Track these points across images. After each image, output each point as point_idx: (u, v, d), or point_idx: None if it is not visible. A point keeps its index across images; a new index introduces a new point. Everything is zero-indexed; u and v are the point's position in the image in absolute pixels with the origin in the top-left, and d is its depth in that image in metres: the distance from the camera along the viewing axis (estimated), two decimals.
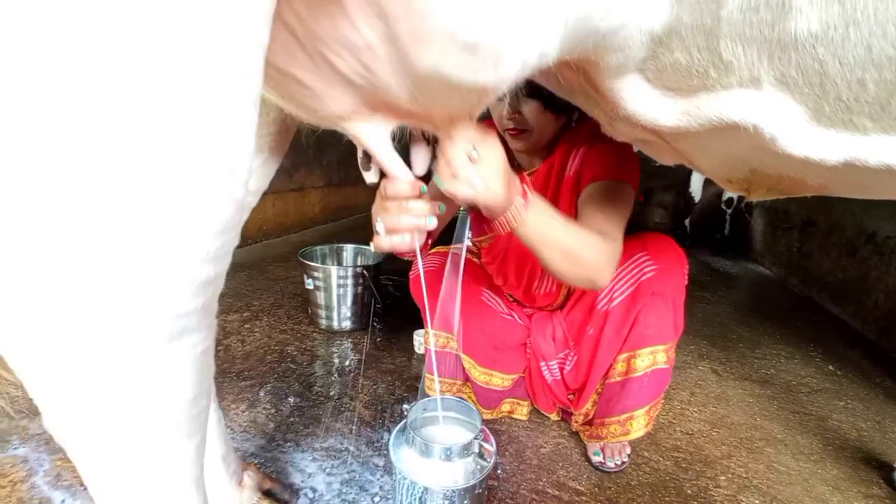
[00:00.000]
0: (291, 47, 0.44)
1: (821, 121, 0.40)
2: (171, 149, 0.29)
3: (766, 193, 0.57)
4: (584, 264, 0.80)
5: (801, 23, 0.34)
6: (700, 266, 3.23)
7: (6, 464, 0.95)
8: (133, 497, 0.42)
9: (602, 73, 0.47)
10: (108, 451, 0.39)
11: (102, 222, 0.29)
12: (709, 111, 0.43)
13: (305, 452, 1.09)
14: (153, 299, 0.33)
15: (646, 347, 1.05)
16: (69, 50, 0.25)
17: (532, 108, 0.99)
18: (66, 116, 0.26)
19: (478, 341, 1.18)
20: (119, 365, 0.35)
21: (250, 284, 2.10)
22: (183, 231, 0.31)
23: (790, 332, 2.18)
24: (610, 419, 1.10)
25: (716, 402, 1.53)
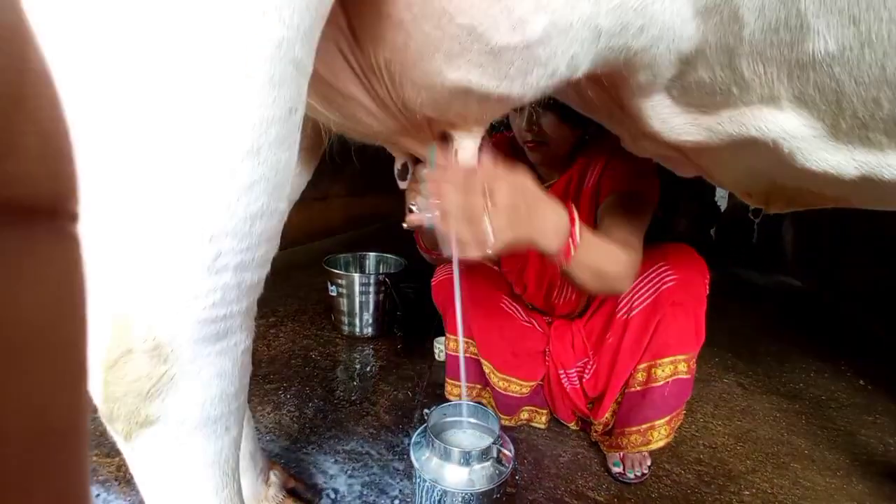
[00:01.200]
0: (349, 74, 0.47)
1: (838, 137, 0.41)
2: (226, 173, 0.32)
3: (786, 206, 0.58)
4: (608, 278, 0.83)
5: (818, 43, 0.35)
6: (726, 277, 3.16)
7: None
8: (180, 482, 0.45)
9: (630, 90, 0.48)
10: (156, 442, 0.43)
11: (155, 236, 0.33)
12: (731, 127, 0.45)
13: (328, 455, 1.12)
14: (200, 301, 0.36)
15: (666, 357, 1.05)
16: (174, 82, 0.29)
17: (549, 121, 1.01)
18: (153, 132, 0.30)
19: (497, 347, 1.20)
20: (170, 360, 0.38)
21: (275, 290, 2.16)
22: (232, 245, 0.35)
23: (820, 346, 2.11)
24: (630, 429, 1.10)
25: (741, 415, 1.50)
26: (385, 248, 2.01)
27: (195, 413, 0.42)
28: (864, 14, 0.33)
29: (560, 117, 1.01)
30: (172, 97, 0.30)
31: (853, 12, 0.33)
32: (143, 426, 0.42)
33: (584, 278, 0.80)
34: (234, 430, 0.47)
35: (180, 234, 0.33)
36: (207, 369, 0.41)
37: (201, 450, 0.44)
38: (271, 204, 0.36)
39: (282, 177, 0.36)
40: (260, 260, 0.38)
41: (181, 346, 0.38)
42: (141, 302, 0.35)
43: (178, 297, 0.35)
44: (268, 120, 0.31)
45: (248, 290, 0.39)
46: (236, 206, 0.33)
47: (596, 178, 1.06)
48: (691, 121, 0.47)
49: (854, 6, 0.33)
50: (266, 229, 0.37)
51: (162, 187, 0.31)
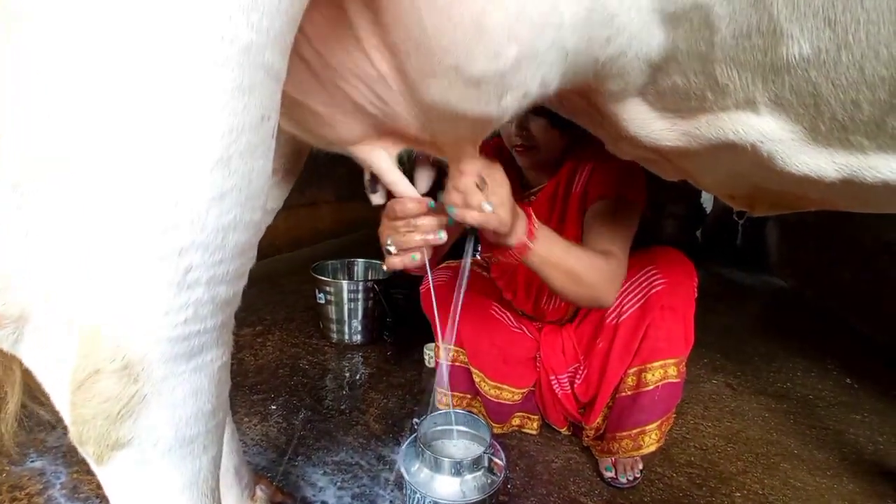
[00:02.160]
0: (306, 79, 0.47)
1: (817, 140, 0.41)
2: (190, 182, 0.31)
3: (770, 208, 0.58)
4: (586, 285, 0.85)
5: (792, 48, 0.35)
6: (713, 278, 3.19)
7: (23, 476, 0.97)
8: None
9: (604, 97, 0.48)
10: (129, 464, 0.41)
11: (121, 248, 0.31)
12: (707, 132, 0.45)
13: (316, 466, 1.10)
14: (177, 320, 0.35)
15: (656, 361, 1.05)
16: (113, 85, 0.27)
17: (539, 126, 1.01)
18: (107, 137, 0.29)
19: (487, 355, 1.19)
20: (141, 379, 0.37)
21: (262, 298, 2.13)
22: (203, 257, 0.33)
23: (807, 345, 2.14)
24: (621, 434, 1.10)
25: (731, 416, 1.50)
26: (374, 254, 1.99)
27: (169, 434, 0.40)
28: (840, 16, 0.33)
29: (550, 122, 1.01)
30: (138, 106, 0.29)
31: (829, 15, 0.33)
32: (114, 449, 0.40)
33: (559, 280, 0.83)
34: (212, 449, 0.45)
35: (147, 248, 0.31)
36: (181, 388, 0.39)
37: (178, 471, 0.43)
38: (245, 215, 0.35)
39: (255, 187, 0.34)
40: (234, 273, 0.37)
41: (152, 365, 0.36)
42: (108, 320, 0.33)
43: (148, 313, 0.34)
44: (238, 128, 0.30)
45: (222, 305, 0.38)
46: (206, 218, 0.32)
47: (584, 183, 1.06)
48: (668, 126, 0.47)
49: (830, 9, 0.33)
50: (240, 242, 0.35)
51: (126, 199, 0.30)
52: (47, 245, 0.31)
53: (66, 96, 0.28)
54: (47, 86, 0.28)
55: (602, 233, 0.95)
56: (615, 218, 0.97)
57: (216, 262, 0.34)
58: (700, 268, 1.11)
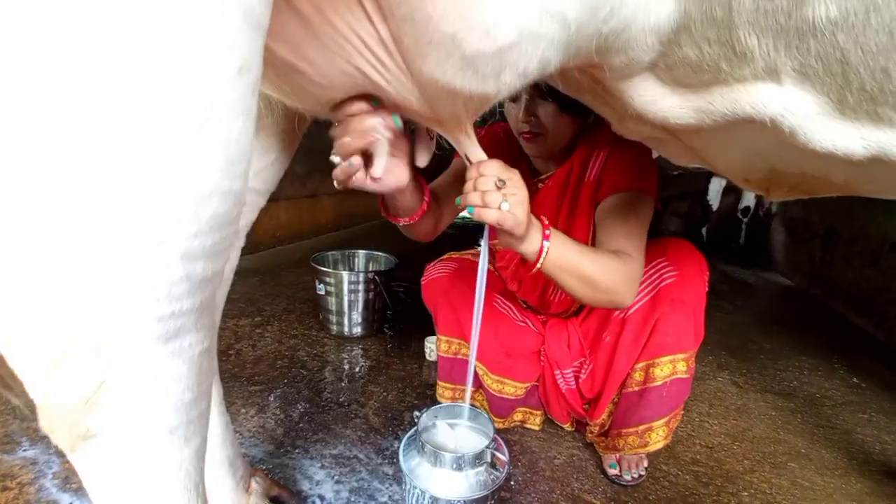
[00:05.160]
0: (302, 36, 0.44)
1: (844, 112, 0.38)
2: (152, 142, 0.28)
3: (788, 193, 0.55)
4: (601, 288, 0.83)
5: (818, 9, 0.32)
6: (717, 275, 3.15)
7: (15, 465, 0.96)
8: (134, 500, 0.41)
9: (609, 74, 0.45)
10: (104, 456, 0.39)
11: (84, 221, 0.28)
12: (722, 106, 0.42)
13: (314, 459, 1.08)
14: (145, 299, 0.32)
15: (665, 356, 1.02)
16: (48, 43, 0.24)
17: (548, 111, 0.97)
18: (43, 108, 0.26)
19: (490, 348, 1.16)
20: (112, 364, 0.34)
21: (262, 290, 2.11)
22: (171, 228, 0.30)
23: (813, 344, 2.10)
24: (627, 430, 1.07)
25: (737, 414, 1.47)
26: (377, 247, 1.97)
27: (146, 423, 0.38)
28: None
29: (559, 107, 0.97)
30: (92, 56, 0.25)
31: None
32: (86, 438, 0.38)
33: (575, 286, 0.82)
34: (194, 440, 0.43)
35: (111, 220, 0.28)
36: (157, 374, 0.36)
37: (156, 463, 0.40)
38: (223, 183, 0.32)
39: (235, 151, 0.31)
40: (212, 249, 0.34)
41: (123, 348, 0.34)
42: (74, 299, 0.31)
43: (116, 291, 0.31)
44: (214, 76, 0.27)
45: (200, 284, 0.35)
46: (182, 182, 0.29)
47: (598, 171, 1.02)
48: (679, 102, 0.44)
49: None
50: (218, 213, 0.32)
51: (86, 166, 0.27)
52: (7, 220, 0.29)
53: (24, 52, 0.25)
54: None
55: (616, 230, 0.92)
56: (629, 213, 0.94)
57: (190, 234, 0.32)
58: None
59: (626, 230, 0.92)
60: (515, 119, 1.00)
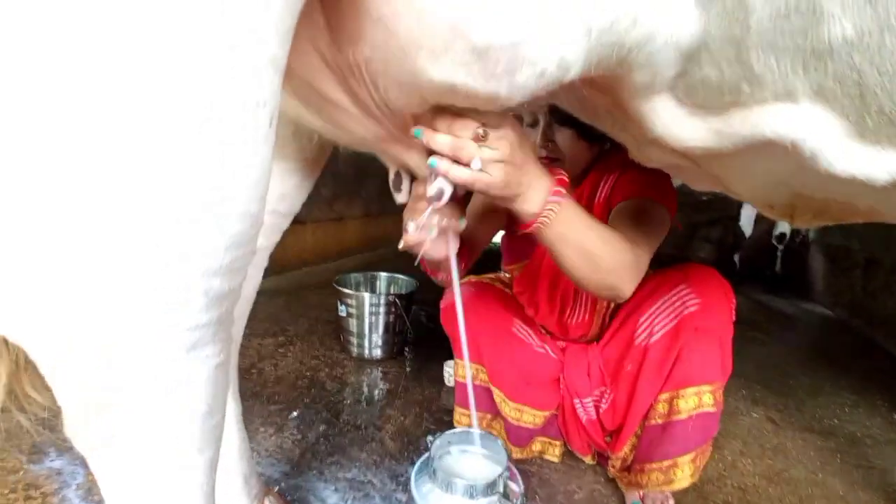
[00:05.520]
0: (328, 74, 0.46)
1: (865, 136, 0.37)
2: (181, 165, 0.30)
3: (812, 220, 0.53)
4: (604, 269, 0.74)
5: (834, 29, 0.32)
6: (752, 305, 3.03)
7: (41, 475, 0.98)
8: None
9: (629, 92, 0.45)
10: (119, 461, 0.40)
11: (113, 235, 0.30)
12: (743, 129, 0.41)
13: (328, 482, 1.07)
14: (165, 311, 0.34)
15: (690, 387, 0.98)
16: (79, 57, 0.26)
17: (566, 137, 0.98)
18: (74, 124, 0.28)
19: (508, 374, 1.14)
20: (130, 372, 0.36)
21: (287, 310, 2.15)
22: (193, 245, 0.32)
23: (854, 379, 1.98)
24: (650, 465, 1.02)
25: (772, 454, 1.39)
26: (401, 270, 1.99)
27: (161, 432, 0.39)
28: None
29: (577, 133, 0.98)
30: (115, 84, 0.28)
31: None
32: (103, 443, 0.39)
33: (573, 260, 0.72)
34: (208, 451, 0.44)
35: (132, 232, 0.30)
36: (174, 384, 0.38)
37: (170, 472, 0.41)
38: (241, 205, 0.34)
39: (252, 176, 0.33)
40: (230, 267, 0.36)
41: (142, 357, 0.35)
42: (96, 308, 0.33)
43: (137, 302, 0.33)
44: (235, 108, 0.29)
45: (217, 299, 0.37)
46: (203, 203, 0.31)
47: (608, 191, 1.02)
48: (699, 124, 0.43)
49: None
50: (236, 233, 0.34)
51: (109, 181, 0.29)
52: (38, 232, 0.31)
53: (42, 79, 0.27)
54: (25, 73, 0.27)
55: (626, 226, 0.86)
56: (640, 216, 0.90)
57: (209, 252, 0.33)
58: (738, 294, 1.04)
59: (635, 229, 0.86)
60: (533, 145, 1.01)
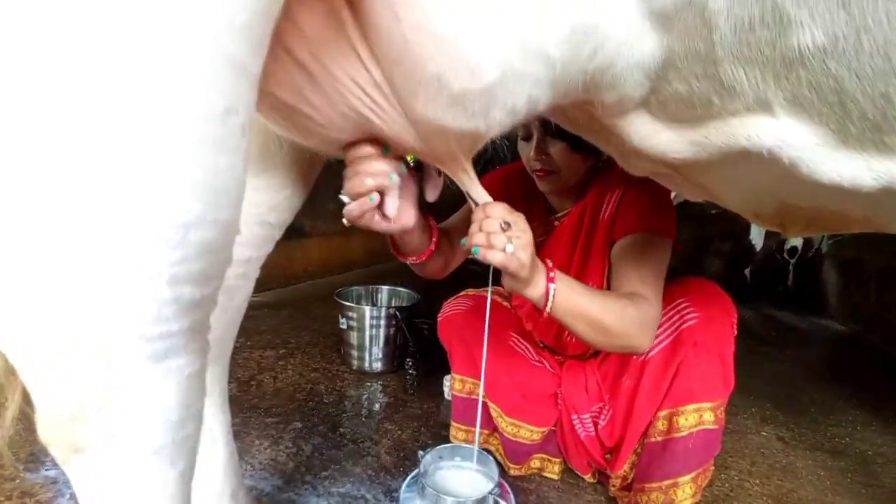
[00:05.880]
0: (303, 82, 0.47)
1: (848, 143, 0.36)
2: (144, 171, 0.30)
3: (805, 230, 0.52)
4: (614, 333, 0.82)
5: (803, 37, 0.31)
6: (762, 320, 2.96)
7: (36, 484, 0.98)
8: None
9: (602, 110, 0.45)
10: (91, 469, 0.39)
11: (73, 245, 0.30)
12: (718, 140, 0.41)
13: (321, 496, 1.05)
14: (130, 317, 0.33)
15: (690, 404, 0.95)
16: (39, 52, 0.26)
17: (559, 149, 0.98)
18: (37, 129, 0.28)
19: (505, 389, 1.13)
20: (100, 381, 0.35)
21: (290, 323, 2.15)
22: (159, 253, 0.32)
23: (867, 395, 1.92)
24: (650, 485, 0.99)
25: (781, 474, 1.34)
26: (405, 284, 1.98)
27: (132, 442, 0.39)
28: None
29: (570, 146, 0.98)
30: (76, 82, 0.28)
31: None
32: (76, 452, 0.39)
33: (585, 331, 0.81)
34: (180, 463, 0.43)
35: (95, 236, 0.30)
36: (146, 394, 0.37)
37: (141, 483, 0.40)
38: (208, 214, 0.33)
39: (221, 184, 0.33)
40: (200, 274, 0.36)
41: (112, 366, 0.35)
42: (64, 315, 0.33)
43: (104, 311, 0.33)
44: (200, 115, 0.30)
45: (188, 308, 0.37)
46: (166, 210, 0.31)
47: (612, 210, 1.01)
48: (675, 137, 0.43)
49: None
50: (205, 240, 0.34)
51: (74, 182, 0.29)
52: None
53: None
54: None
55: (630, 273, 0.90)
56: (644, 255, 0.92)
57: (177, 259, 0.33)
58: (749, 309, 1.03)
59: (640, 273, 0.89)
60: (527, 157, 1.02)
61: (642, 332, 0.84)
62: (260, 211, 0.69)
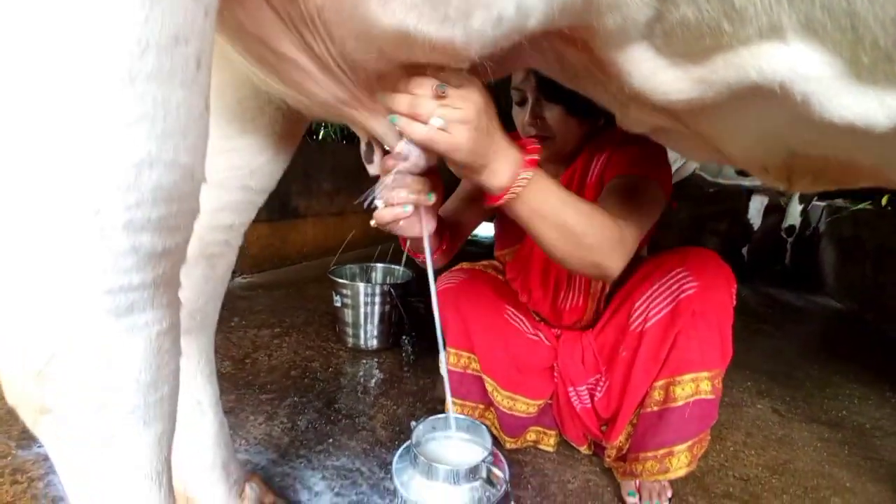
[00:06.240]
0: (281, 29, 0.43)
1: (860, 75, 0.33)
2: (78, 108, 0.27)
3: (813, 183, 0.49)
4: (585, 244, 0.71)
5: None
6: (760, 298, 2.96)
7: (28, 461, 0.97)
8: (88, 482, 0.40)
9: (602, 40, 0.42)
10: (59, 430, 0.37)
11: (18, 187, 0.28)
12: (727, 74, 0.38)
13: (315, 470, 1.05)
14: (86, 266, 0.31)
15: (687, 374, 0.94)
16: None
17: (554, 114, 0.95)
18: None
19: (501, 362, 1.11)
20: (61, 336, 0.33)
21: (285, 302, 2.13)
22: (109, 193, 0.29)
23: (864, 371, 1.93)
24: (645, 454, 0.99)
25: (777, 445, 1.35)
26: (393, 260, 1.96)
27: (98, 401, 0.36)
28: None
29: (566, 109, 0.94)
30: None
31: None
32: (42, 413, 0.37)
33: (550, 236, 0.69)
34: (155, 425, 0.41)
35: (44, 186, 0.28)
36: (109, 351, 0.35)
37: (112, 444, 0.39)
38: (164, 154, 0.31)
39: (174, 121, 0.30)
40: (160, 223, 0.33)
41: (73, 321, 0.33)
42: (17, 267, 0.30)
43: (59, 260, 0.30)
44: (142, 43, 0.27)
45: (150, 259, 0.34)
46: (113, 149, 0.28)
47: (601, 170, 0.98)
48: (680, 74, 0.40)
49: None
50: (162, 184, 0.31)
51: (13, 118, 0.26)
52: None
53: None
54: None
55: (614, 205, 0.83)
56: (631, 192, 0.86)
57: (132, 204, 0.31)
58: (746, 288, 1.02)
59: (623, 206, 0.82)
60: (522, 124, 0.98)
61: (617, 252, 0.75)
62: (240, 174, 0.66)
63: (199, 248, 0.68)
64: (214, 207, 0.67)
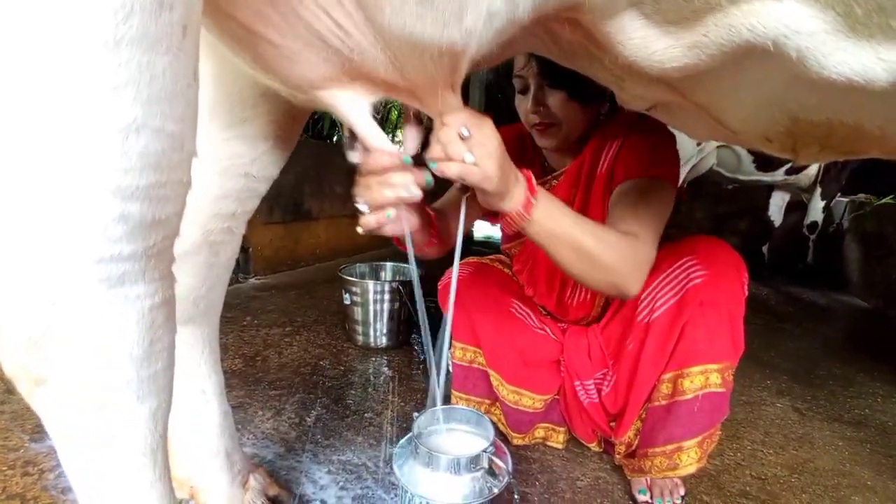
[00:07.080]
0: (260, 3, 0.44)
1: (855, 28, 0.32)
2: (63, 73, 0.27)
3: (820, 153, 0.48)
4: (602, 266, 0.75)
5: None
6: (781, 297, 2.89)
7: (40, 454, 0.99)
8: (81, 457, 0.40)
9: (592, 14, 0.41)
10: (54, 401, 0.38)
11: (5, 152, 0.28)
12: (719, 36, 0.37)
13: (321, 464, 1.05)
14: (75, 232, 0.31)
15: (696, 366, 0.91)
16: None
17: (557, 99, 0.94)
18: None
19: (506, 356, 1.10)
20: (55, 306, 0.34)
21: (297, 303, 2.15)
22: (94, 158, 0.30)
23: (888, 370, 1.86)
24: (654, 450, 0.96)
25: (797, 444, 1.30)
26: (403, 258, 1.96)
27: (91, 373, 0.37)
28: None
29: (568, 94, 0.93)
30: None
31: None
32: (38, 384, 0.37)
33: (568, 258, 0.75)
34: (149, 401, 0.41)
35: (30, 151, 0.28)
36: (100, 322, 0.36)
37: (105, 416, 0.39)
38: (150, 120, 0.31)
39: (161, 88, 0.31)
40: (148, 192, 0.33)
41: (64, 290, 0.33)
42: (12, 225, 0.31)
43: (47, 227, 0.31)
44: (126, 6, 0.27)
45: (140, 228, 0.34)
46: (98, 112, 0.29)
47: (611, 162, 0.97)
48: (672, 42, 0.39)
49: None
50: (150, 150, 0.32)
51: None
52: None
53: None
54: None
55: (626, 214, 0.85)
56: (643, 199, 0.86)
57: (120, 169, 0.31)
58: (767, 286, 1.00)
59: (636, 214, 0.84)
60: (526, 112, 0.98)
61: (633, 271, 0.78)
62: (241, 162, 0.67)
63: (201, 235, 0.69)
64: (217, 195, 0.68)
